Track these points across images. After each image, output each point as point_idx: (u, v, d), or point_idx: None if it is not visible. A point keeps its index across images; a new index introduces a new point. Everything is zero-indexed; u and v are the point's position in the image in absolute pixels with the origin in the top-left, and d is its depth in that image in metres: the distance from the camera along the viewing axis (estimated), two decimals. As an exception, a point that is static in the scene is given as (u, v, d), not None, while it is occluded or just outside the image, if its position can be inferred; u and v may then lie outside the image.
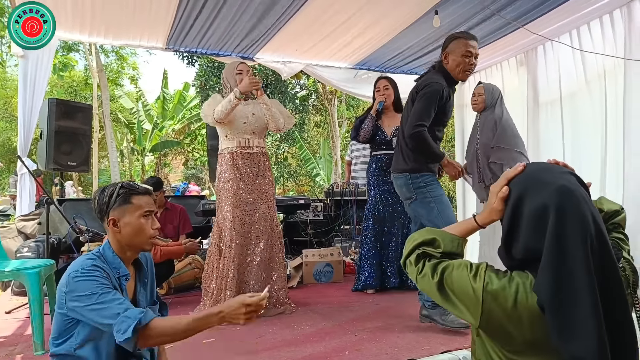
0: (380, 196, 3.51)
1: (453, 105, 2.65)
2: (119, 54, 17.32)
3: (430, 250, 1.12)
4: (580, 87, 3.89)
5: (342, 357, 2.13)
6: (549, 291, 0.90)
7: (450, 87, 2.53)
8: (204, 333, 2.51)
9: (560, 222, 0.91)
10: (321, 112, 14.56)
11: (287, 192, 15.38)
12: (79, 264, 1.37)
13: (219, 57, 4.76)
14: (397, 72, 5.32)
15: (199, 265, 3.78)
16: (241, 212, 2.88)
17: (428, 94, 2.44)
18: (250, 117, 2.95)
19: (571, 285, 0.88)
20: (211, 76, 11.71)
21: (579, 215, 0.91)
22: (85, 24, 3.80)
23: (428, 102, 2.43)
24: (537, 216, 0.94)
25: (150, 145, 16.33)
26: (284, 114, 3.01)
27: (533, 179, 0.99)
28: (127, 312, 1.25)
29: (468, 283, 1.01)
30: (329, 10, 3.77)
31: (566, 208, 0.92)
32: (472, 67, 2.47)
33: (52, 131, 4.29)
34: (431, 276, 1.07)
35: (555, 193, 0.93)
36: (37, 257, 3.51)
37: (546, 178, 0.98)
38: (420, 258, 1.12)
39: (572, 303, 0.88)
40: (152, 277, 1.60)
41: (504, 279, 0.99)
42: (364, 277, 3.47)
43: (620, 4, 3.42)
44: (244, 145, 2.93)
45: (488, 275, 1.00)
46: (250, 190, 2.91)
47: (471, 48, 2.43)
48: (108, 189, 1.47)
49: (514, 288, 0.96)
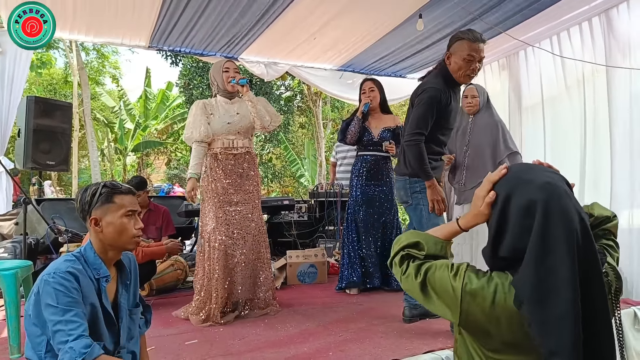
0: (362, 197, 3.53)
1: (458, 107, 2.54)
2: (100, 52, 17.03)
3: (414, 252, 1.15)
4: (561, 92, 3.98)
5: (326, 357, 2.13)
6: (529, 285, 0.92)
7: (451, 89, 2.43)
8: (186, 334, 2.51)
9: (546, 216, 0.92)
10: (306, 113, 14.57)
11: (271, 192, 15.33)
12: (54, 266, 1.34)
13: (203, 56, 4.72)
14: (381, 75, 5.35)
15: (181, 266, 3.73)
16: (225, 212, 2.84)
17: (424, 100, 2.37)
18: (234, 117, 2.91)
19: (553, 279, 0.90)
20: (195, 76, 11.60)
21: (563, 210, 0.93)
22: (67, 20, 3.72)
23: (424, 109, 2.36)
24: (524, 214, 0.96)
25: (133, 145, 16.09)
26: (270, 112, 2.97)
27: (518, 179, 1.01)
28: (75, 342, 1.21)
29: (448, 282, 1.03)
30: (314, 12, 3.77)
31: (551, 203, 0.93)
32: (474, 71, 2.35)
33: (31, 129, 4.19)
34: (415, 276, 1.10)
35: (541, 189, 0.95)
36: (14, 258, 3.42)
37: (531, 177, 0.99)
38: (404, 259, 1.15)
39: (553, 297, 0.89)
40: (135, 279, 1.57)
41: (483, 279, 1.01)
42: (346, 276, 3.49)
43: (599, 12, 3.52)
44: (227, 147, 2.89)
45: (467, 275, 1.02)
46: (234, 191, 2.88)
47: (474, 51, 2.30)
48: (90, 188, 1.45)
49: (492, 288, 0.98)
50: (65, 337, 1.22)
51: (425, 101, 2.36)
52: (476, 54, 2.30)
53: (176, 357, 2.18)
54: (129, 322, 1.50)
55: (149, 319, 1.70)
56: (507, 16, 3.69)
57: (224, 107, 2.91)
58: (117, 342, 1.43)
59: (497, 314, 0.97)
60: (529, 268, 0.93)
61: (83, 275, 1.35)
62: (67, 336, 1.22)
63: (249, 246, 2.89)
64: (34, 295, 1.31)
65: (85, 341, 1.22)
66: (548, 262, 0.91)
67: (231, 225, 2.85)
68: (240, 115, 2.92)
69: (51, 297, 1.26)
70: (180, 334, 2.52)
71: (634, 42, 3.31)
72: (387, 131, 3.52)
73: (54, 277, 1.29)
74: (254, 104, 2.90)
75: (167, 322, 2.78)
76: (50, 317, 1.25)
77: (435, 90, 2.36)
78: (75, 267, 1.34)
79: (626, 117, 3.33)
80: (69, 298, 1.27)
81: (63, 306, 1.25)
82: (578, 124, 3.78)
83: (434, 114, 2.37)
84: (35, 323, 1.31)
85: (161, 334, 2.51)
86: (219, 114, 2.88)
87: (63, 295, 1.26)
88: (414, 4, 3.59)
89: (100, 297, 1.38)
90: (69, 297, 1.27)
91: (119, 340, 1.44)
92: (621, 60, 3.36)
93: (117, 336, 1.43)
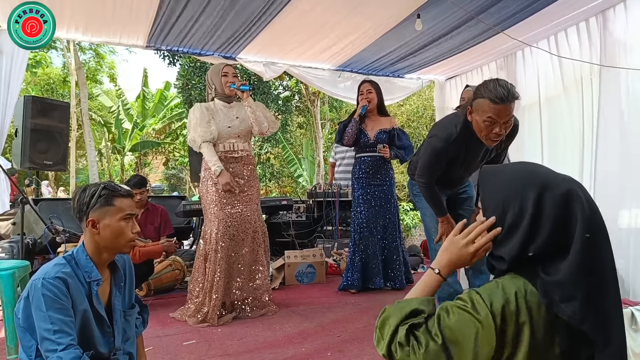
0: (364, 198, 3.54)
1: (477, 148, 2.22)
2: (96, 52, 16.99)
3: (415, 321, 0.96)
4: (558, 92, 3.99)
5: (324, 358, 2.13)
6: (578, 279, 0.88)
7: (472, 138, 2.10)
8: (184, 334, 2.51)
9: (588, 203, 0.92)
10: (304, 113, 14.55)
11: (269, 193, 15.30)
12: (44, 271, 1.32)
13: (200, 56, 4.71)
14: (380, 75, 5.35)
15: (179, 266, 3.73)
16: (226, 215, 2.85)
17: (429, 150, 2.21)
18: (234, 121, 2.93)
19: (600, 269, 0.90)
20: (193, 76, 11.57)
21: (596, 205, 0.93)
22: (64, 19, 3.70)
23: (429, 161, 2.22)
24: (564, 203, 0.92)
25: (130, 145, 16.07)
26: (268, 118, 2.99)
27: (538, 174, 0.98)
28: (64, 352, 1.20)
29: (470, 318, 0.90)
30: (312, 12, 3.76)
31: (584, 191, 0.94)
32: (498, 136, 1.96)
33: (28, 129, 4.18)
34: (433, 341, 0.90)
35: (567, 181, 0.95)
36: (11, 258, 3.41)
37: (546, 171, 0.98)
38: (409, 334, 0.93)
39: (604, 289, 0.89)
40: (130, 280, 1.56)
41: (498, 291, 0.92)
42: (348, 277, 3.51)
43: (596, 12, 3.53)
44: (228, 150, 2.91)
45: (479, 297, 0.92)
46: (236, 194, 2.89)
47: (495, 115, 1.88)
48: (89, 189, 1.43)
49: (512, 295, 0.92)
50: (54, 346, 1.20)
51: (430, 152, 2.21)
52: (497, 118, 1.90)
53: (174, 357, 2.18)
54: (124, 324, 1.49)
55: (146, 318, 1.69)
56: (505, 16, 3.70)
57: (223, 112, 2.93)
58: (112, 344, 1.42)
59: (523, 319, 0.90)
60: (577, 258, 0.89)
61: (73, 279, 1.33)
62: (56, 345, 1.20)
63: (249, 248, 2.89)
64: (24, 300, 1.29)
65: (75, 352, 1.22)
66: (594, 252, 0.89)
67: (232, 227, 2.86)
68: (239, 119, 2.94)
69: (40, 303, 1.24)
70: (178, 335, 2.52)
71: (630, 43, 3.32)
72: (382, 133, 3.53)
73: (43, 283, 1.27)
74: (253, 109, 2.92)
75: (165, 322, 2.78)
76: (38, 324, 1.24)
77: (441, 141, 2.15)
78: (64, 272, 1.32)
79: (623, 116, 3.34)
80: (58, 305, 1.25)
81: (52, 313, 1.23)
82: (575, 123, 3.79)
83: (441, 165, 2.22)
84: (24, 327, 1.29)
85: (159, 335, 2.51)
86: (220, 118, 2.89)
87: (52, 302, 1.25)
88: (412, 4, 3.59)
89: (91, 300, 1.37)
90: (58, 303, 1.26)
91: (114, 342, 1.42)
92: (617, 61, 3.37)
93: (112, 338, 1.42)
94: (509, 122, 1.93)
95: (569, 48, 3.84)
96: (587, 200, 0.92)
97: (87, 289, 1.37)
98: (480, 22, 3.67)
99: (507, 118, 1.90)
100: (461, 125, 2.11)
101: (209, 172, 2.89)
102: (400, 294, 3.45)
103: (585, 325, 0.87)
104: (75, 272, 1.35)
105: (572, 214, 0.91)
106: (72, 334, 1.25)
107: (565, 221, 0.91)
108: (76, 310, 1.31)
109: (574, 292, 0.87)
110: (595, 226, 0.90)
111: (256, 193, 3.01)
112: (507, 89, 1.86)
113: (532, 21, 3.76)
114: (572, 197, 0.92)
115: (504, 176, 1.01)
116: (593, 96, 3.63)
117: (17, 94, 3.94)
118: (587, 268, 0.88)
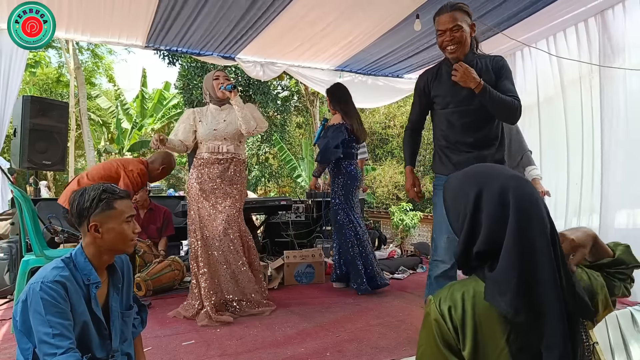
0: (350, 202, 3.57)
1: (451, 82, 2.18)
2: (94, 52, 16.96)
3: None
4: (557, 92, 4.00)
5: (323, 358, 2.13)
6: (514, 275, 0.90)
7: (448, 65, 2.22)
8: (184, 335, 2.50)
9: (520, 200, 0.93)
10: (303, 113, 14.55)
11: (268, 193, 15.30)
12: (42, 274, 1.31)
13: (200, 56, 4.71)
14: (379, 75, 5.36)
15: (178, 267, 3.73)
16: (208, 214, 2.92)
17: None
18: (221, 124, 3.01)
19: (535, 267, 0.90)
20: (195, 76, 11.55)
21: (531, 195, 0.95)
22: (63, 19, 3.70)
23: (413, 102, 2.46)
24: (499, 201, 0.95)
25: (129, 145, 16.04)
26: (257, 118, 3.04)
27: (485, 174, 1.01)
28: (62, 356, 1.20)
29: (426, 337, 0.98)
30: (311, 12, 3.77)
31: (522, 188, 0.95)
32: (449, 43, 2.15)
33: (27, 129, 4.18)
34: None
35: (510, 179, 0.97)
36: (9, 258, 3.41)
37: (497, 171, 1.01)
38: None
39: (537, 286, 0.89)
40: (128, 281, 1.56)
41: (446, 294, 0.98)
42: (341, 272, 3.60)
43: (595, 13, 3.53)
44: (213, 151, 3.00)
45: (433, 305, 0.98)
46: (218, 195, 2.96)
47: (441, 26, 2.16)
48: (88, 193, 1.42)
49: (459, 297, 0.96)
50: (53, 349, 1.20)
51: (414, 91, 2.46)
52: (442, 27, 2.16)
53: (173, 357, 2.18)
54: (122, 325, 1.48)
55: (145, 318, 1.69)
56: (504, 17, 3.71)
57: (212, 115, 3.04)
58: (110, 346, 1.41)
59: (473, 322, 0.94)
60: (507, 253, 0.91)
61: (71, 282, 1.33)
62: (55, 349, 1.20)
63: (230, 248, 2.90)
64: (21, 303, 1.28)
65: (74, 355, 1.22)
66: (525, 245, 0.90)
67: (211, 226, 2.91)
68: (226, 122, 3.02)
69: (39, 306, 1.24)
70: (178, 335, 2.52)
71: (628, 43, 3.33)
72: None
73: (42, 287, 1.26)
74: (240, 107, 2.98)
75: (164, 322, 2.78)
76: (37, 327, 1.23)
77: (418, 80, 2.41)
78: (63, 275, 1.31)
79: (621, 116, 3.35)
80: (56, 308, 1.25)
81: (51, 317, 1.23)
82: (574, 123, 3.79)
83: (421, 103, 2.40)
84: (22, 330, 1.29)
85: (158, 335, 2.51)
86: (207, 121, 3.01)
87: (50, 306, 1.24)
88: (411, 4, 3.59)
89: (89, 303, 1.36)
90: (57, 307, 1.25)
91: (112, 344, 1.42)
92: (616, 61, 3.38)
93: (109, 340, 1.42)
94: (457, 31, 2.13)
95: (567, 48, 3.85)
96: (521, 193, 0.94)
97: (86, 292, 1.36)
98: (480, 22, 3.67)
99: (451, 25, 2.12)
100: (439, 63, 2.35)
101: (194, 170, 3.00)
102: (398, 293, 3.45)
103: (519, 318, 0.89)
104: (73, 275, 1.35)
105: (507, 209, 0.93)
106: (71, 337, 1.25)
107: (502, 217, 0.94)
108: (74, 313, 1.31)
109: (506, 287, 0.90)
110: (526, 218, 0.92)
111: (239, 195, 3.04)
112: (448, 4, 2.17)
113: (531, 21, 3.76)
114: (505, 192, 0.94)
115: (460, 180, 1.05)
116: (591, 96, 3.63)
117: (16, 94, 3.93)
118: (516, 262, 0.90)
